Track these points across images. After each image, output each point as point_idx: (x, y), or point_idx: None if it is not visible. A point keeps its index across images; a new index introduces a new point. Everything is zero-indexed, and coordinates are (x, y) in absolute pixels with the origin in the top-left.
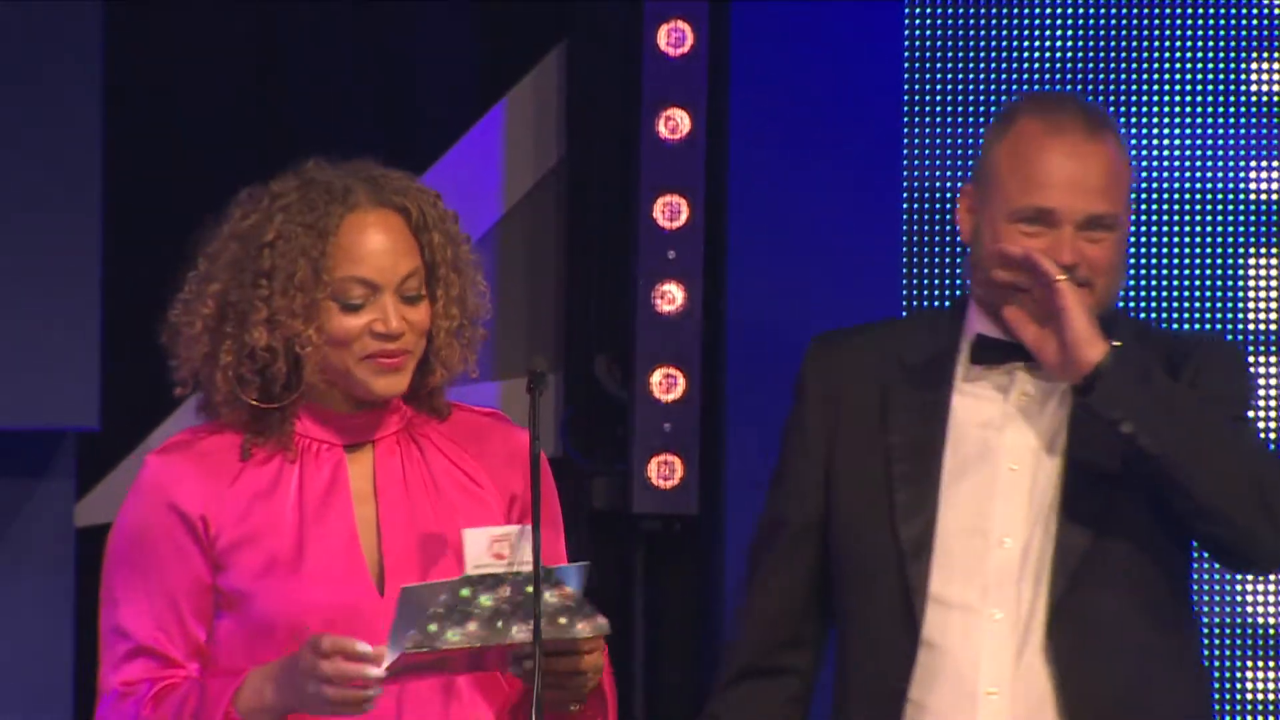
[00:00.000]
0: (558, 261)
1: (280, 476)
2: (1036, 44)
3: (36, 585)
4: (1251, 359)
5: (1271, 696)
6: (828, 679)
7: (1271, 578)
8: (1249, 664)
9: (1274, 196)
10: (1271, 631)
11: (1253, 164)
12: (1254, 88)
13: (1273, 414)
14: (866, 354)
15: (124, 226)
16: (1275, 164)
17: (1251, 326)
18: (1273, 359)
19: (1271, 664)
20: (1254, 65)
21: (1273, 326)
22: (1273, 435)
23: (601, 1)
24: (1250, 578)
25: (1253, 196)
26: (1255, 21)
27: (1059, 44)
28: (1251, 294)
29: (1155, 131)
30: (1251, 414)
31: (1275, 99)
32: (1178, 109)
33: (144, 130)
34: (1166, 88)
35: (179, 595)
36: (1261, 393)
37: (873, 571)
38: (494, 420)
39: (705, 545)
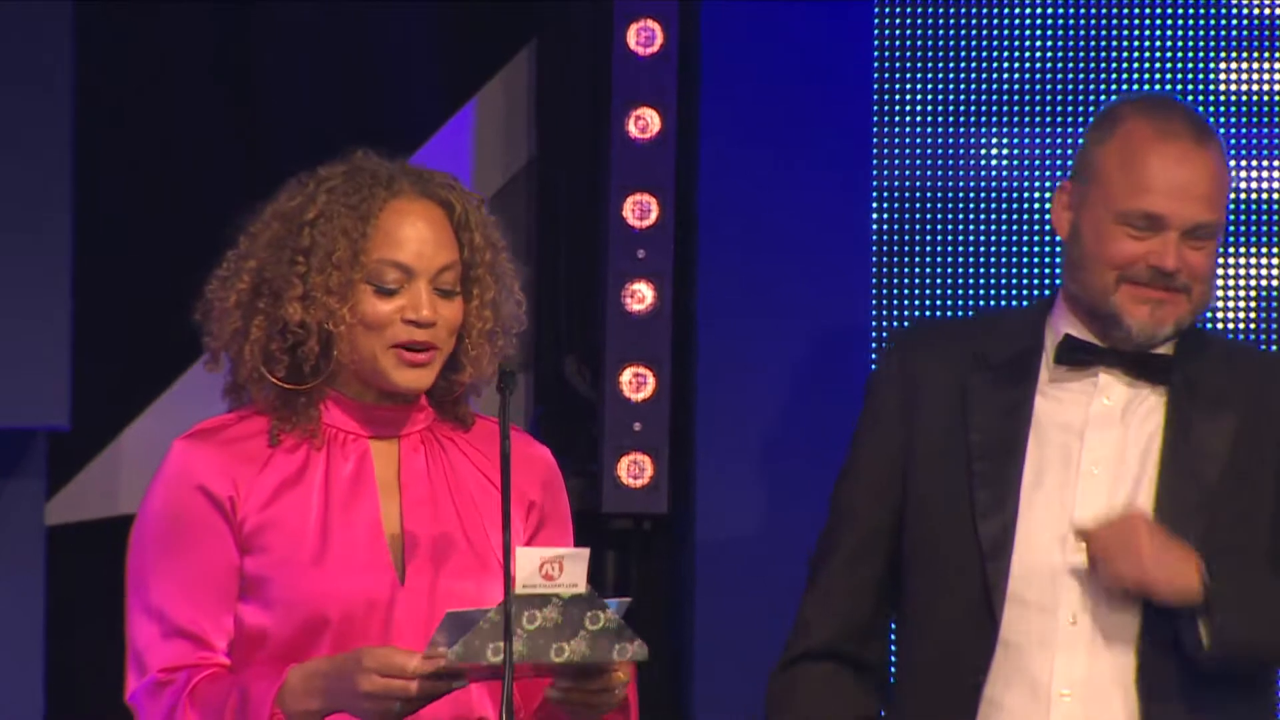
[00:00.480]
0: (527, 260)
1: (307, 464)
2: (1007, 44)
3: (6, 584)
4: None
5: None
6: None
7: None
8: None
9: (1244, 195)
10: None
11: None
12: (1223, 88)
13: None
14: (948, 350)
15: (95, 226)
16: (1244, 163)
17: (1221, 325)
18: None
19: None
20: (1223, 65)
21: (1241, 324)
22: None
23: (571, 1)
24: None
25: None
26: (1225, 22)
27: (1029, 44)
28: (1220, 290)
29: None
30: None
31: (1244, 99)
32: None
33: (115, 129)
34: (1138, 88)
35: (213, 576)
36: None
37: (951, 568)
38: (512, 431)
39: (675, 544)
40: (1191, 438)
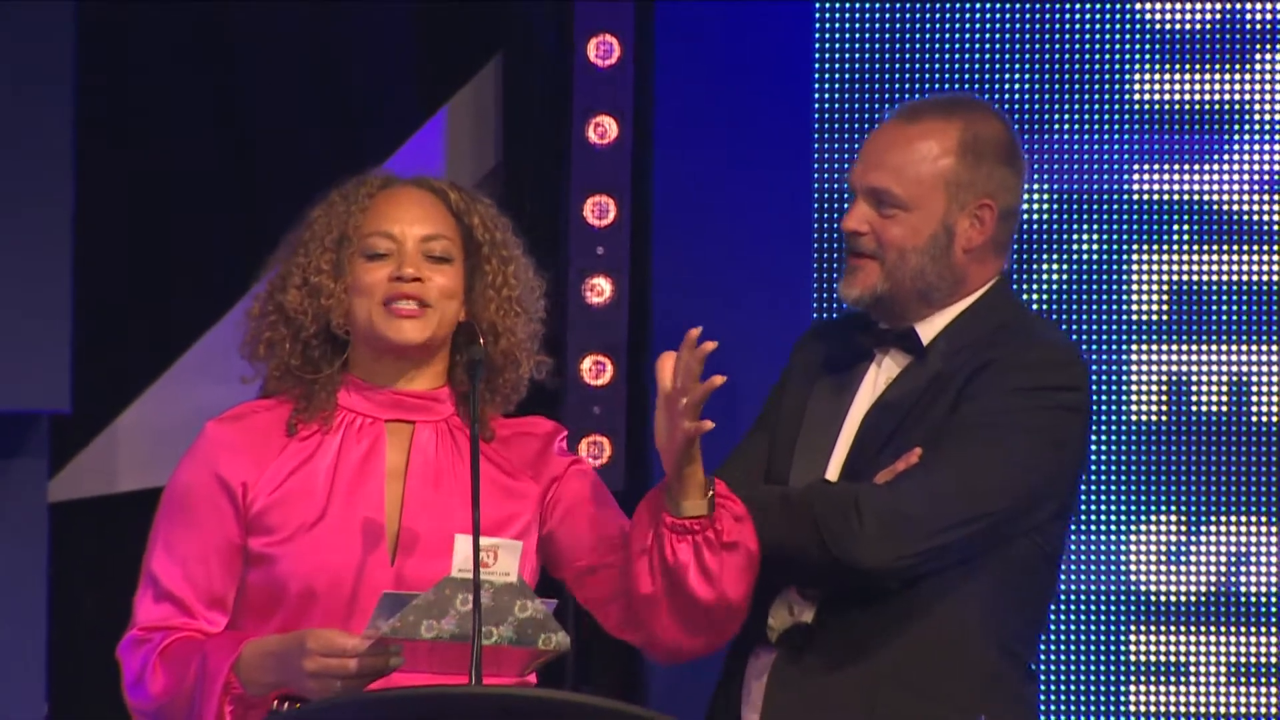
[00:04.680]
0: None
1: (320, 447)
2: (939, 53)
3: (12, 557)
4: (1134, 346)
5: (1153, 658)
6: None
7: (1159, 550)
8: (1133, 628)
9: (1154, 196)
10: (1154, 598)
11: (1136, 167)
12: (1137, 97)
13: (1156, 399)
14: (824, 338)
15: (94, 217)
16: (1157, 167)
17: (1134, 316)
18: (1153, 346)
19: (1154, 628)
20: (1137, 76)
21: (1153, 316)
22: (1158, 420)
23: (535, 16)
24: (1136, 548)
25: (1136, 196)
26: (1139, 37)
27: (960, 59)
28: (1135, 285)
29: (1056, 135)
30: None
31: (1156, 107)
32: (1072, 115)
33: (114, 122)
34: (1064, 92)
35: (209, 551)
36: (1144, 377)
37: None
38: (527, 419)
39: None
40: (887, 395)
